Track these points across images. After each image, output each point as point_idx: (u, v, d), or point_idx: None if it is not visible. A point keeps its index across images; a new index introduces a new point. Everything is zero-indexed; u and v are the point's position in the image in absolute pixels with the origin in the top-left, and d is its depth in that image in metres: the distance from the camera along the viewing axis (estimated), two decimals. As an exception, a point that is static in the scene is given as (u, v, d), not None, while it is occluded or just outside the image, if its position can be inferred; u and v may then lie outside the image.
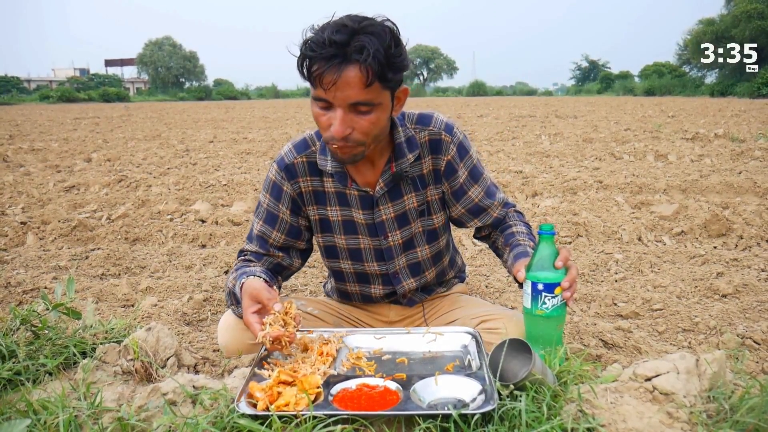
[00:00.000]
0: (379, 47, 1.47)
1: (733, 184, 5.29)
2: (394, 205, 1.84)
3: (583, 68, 75.04)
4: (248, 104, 34.92)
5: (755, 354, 2.15)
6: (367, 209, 1.83)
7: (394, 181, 1.80)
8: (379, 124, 1.61)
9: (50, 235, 4.16)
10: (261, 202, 1.90)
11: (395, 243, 1.89)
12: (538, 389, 1.32)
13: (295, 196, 1.84)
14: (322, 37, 1.47)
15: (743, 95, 30.38)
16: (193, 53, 72.64)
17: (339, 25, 1.49)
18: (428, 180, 1.85)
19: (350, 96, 1.51)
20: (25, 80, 65.59)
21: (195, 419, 1.25)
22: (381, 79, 1.51)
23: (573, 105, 23.59)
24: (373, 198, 1.81)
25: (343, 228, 1.88)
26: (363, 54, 1.46)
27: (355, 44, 1.46)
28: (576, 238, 3.89)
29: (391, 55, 1.50)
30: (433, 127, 1.81)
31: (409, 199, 1.84)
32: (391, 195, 1.82)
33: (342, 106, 1.53)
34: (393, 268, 1.93)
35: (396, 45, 1.53)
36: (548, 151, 8.18)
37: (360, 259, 1.93)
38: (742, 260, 3.29)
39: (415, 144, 1.79)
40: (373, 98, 1.54)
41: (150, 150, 9.45)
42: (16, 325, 1.67)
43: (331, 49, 1.46)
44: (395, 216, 1.85)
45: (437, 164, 1.83)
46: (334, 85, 1.49)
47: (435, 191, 1.86)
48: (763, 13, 34.92)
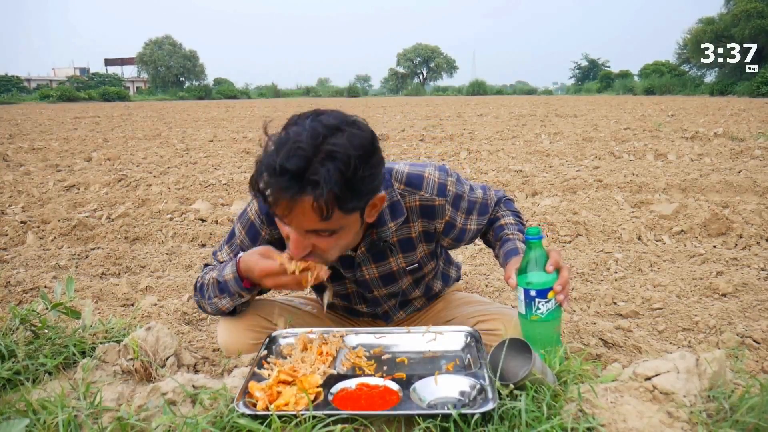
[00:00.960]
0: (338, 178, 1.30)
1: (732, 183, 5.29)
2: (377, 266, 1.75)
3: (583, 67, 75.01)
4: (248, 103, 34.91)
5: (755, 353, 2.15)
6: (348, 269, 1.76)
7: (375, 247, 1.70)
8: (344, 241, 1.50)
9: (50, 235, 4.16)
10: (235, 235, 1.78)
11: (381, 295, 1.86)
12: (538, 389, 1.31)
13: (273, 240, 1.71)
14: (275, 162, 1.30)
15: (743, 94, 30.37)
16: (193, 52, 72.57)
17: (295, 147, 1.30)
18: (417, 241, 1.75)
19: (306, 225, 1.39)
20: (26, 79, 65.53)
21: (194, 419, 1.24)
22: (341, 209, 1.36)
23: (573, 104, 23.59)
24: (355, 261, 1.73)
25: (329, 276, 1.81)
26: (317, 189, 1.29)
27: (310, 176, 1.29)
28: (576, 237, 3.89)
29: (355, 182, 1.33)
30: (425, 191, 1.67)
31: (395, 260, 1.76)
32: (375, 258, 1.73)
33: (298, 231, 1.42)
34: (381, 310, 1.93)
35: (365, 163, 1.35)
36: (548, 150, 8.18)
37: (348, 300, 1.92)
38: (742, 259, 3.29)
39: (400, 210, 1.65)
40: (333, 226, 1.41)
41: (150, 149, 9.45)
42: (16, 325, 1.66)
43: (283, 180, 1.30)
44: (379, 276, 1.78)
45: (429, 228, 1.73)
46: (288, 214, 1.36)
47: (426, 248, 1.78)
48: (762, 12, 34.89)
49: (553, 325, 1.56)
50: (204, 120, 17.23)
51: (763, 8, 34.97)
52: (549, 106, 21.26)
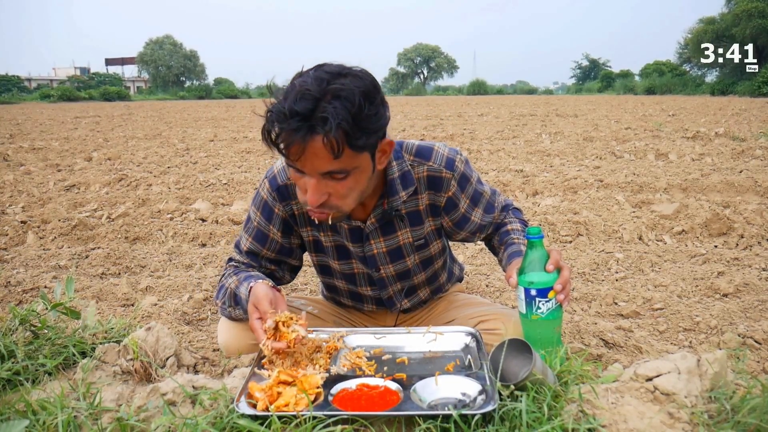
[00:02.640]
0: (345, 114, 1.35)
1: (733, 183, 5.29)
2: (386, 239, 1.78)
3: (584, 67, 74.98)
4: (249, 103, 34.92)
5: (756, 353, 2.15)
6: (357, 242, 1.77)
7: (385, 217, 1.73)
8: (359, 186, 1.52)
9: (50, 235, 4.16)
10: (251, 218, 1.81)
11: (388, 274, 1.86)
12: (539, 389, 1.31)
13: (287, 217, 1.77)
14: (284, 108, 1.35)
15: (744, 94, 30.34)
16: (194, 52, 72.61)
17: (302, 91, 1.36)
18: (425, 215, 1.78)
19: (320, 166, 1.41)
20: (26, 79, 65.56)
21: (194, 419, 1.24)
22: (351, 147, 1.39)
23: (573, 104, 23.58)
24: (364, 232, 1.75)
25: (336, 253, 1.83)
26: (326, 125, 1.33)
27: (319, 114, 1.34)
28: (576, 237, 3.89)
29: (362, 119, 1.38)
30: (433, 162, 1.71)
31: (403, 234, 1.78)
32: (384, 230, 1.76)
33: (312, 175, 1.44)
34: (386, 294, 1.93)
35: (370, 103, 1.40)
36: (549, 150, 8.17)
37: (353, 282, 1.92)
38: (743, 259, 3.29)
39: (410, 180, 1.69)
40: (346, 165, 1.43)
41: (150, 149, 9.45)
42: (15, 325, 1.66)
43: (293, 121, 1.34)
44: (387, 251, 1.80)
45: (436, 200, 1.76)
46: (301, 157, 1.39)
47: (432, 224, 1.81)
48: (763, 11, 34.88)
49: (554, 324, 1.55)
50: (204, 120, 17.24)
51: (764, 8, 34.95)
52: (550, 106, 21.25)
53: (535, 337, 1.57)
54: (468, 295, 2.17)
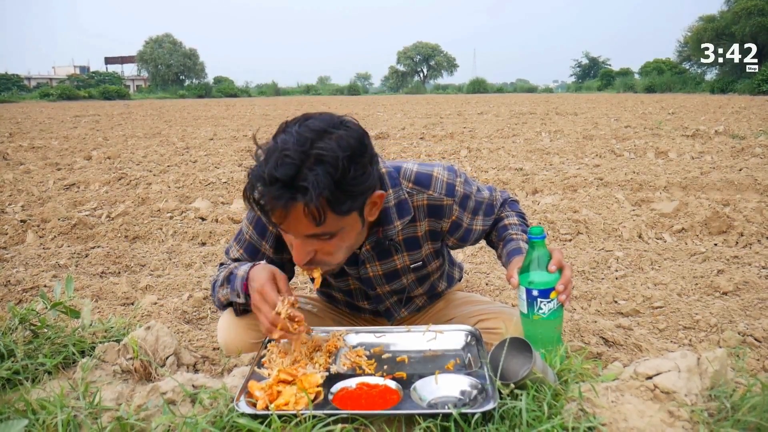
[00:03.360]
0: (328, 181, 1.30)
1: (733, 181, 5.29)
2: (382, 264, 1.76)
3: (584, 65, 74.92)
4: (248, 102, 34.91)
5: (756, 352, 2.15)
6: (352, 266, 1.76)
7: (380, 245, 1.71)
8: (347, 242, 1.50)
9: (50, 234, 4.16)
10: (243, 231, 1.78)
11: (384, 292, 1.86)
12: (539, 388, 1.31)
13: (280, 235, 1.68)
14: (264, 172, 1.31)
15: (743, 92, 30.32)
16: (193, 51, 72.52)
17: (283, 156, 1.31)
18: (423, 240, 1.75)
19: (304, 230, 1.39)
20: (26, 78, 65.45)
21: (194, 418, 1.24)
22: (335, 212, 1.36)
23: (573, 102, 23.56)
24: (359, 258, 1.73)
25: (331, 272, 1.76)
26: (307, 195, 1.29)
27: (300, 183, 1.29)
28: (576, 236, 3.89)
29: (346, 183, 1.34)
30: (433, 190, 1.67)
31: (400, 258, 1.76)
32: (379, 256, 1.74)
33: (298, 236, 1.42)
34: (383, 307, 1.93)
35: (356, 164, 1.35)
36: (548, 149, 8.17)
37: (350, 296, 1.92)
38: (743, 257, 3.29)
39: (406, 209, 1.65)
40: (331, 229, 1.41)
41: (150, 148, 9.45)
42: (15, 324, 1.66)
43: (273, 189, 1.31)
44: (383, 273, 1.79)
45: (436, 227, 1.73)
46: (284, 221, 1.37)
47: (431, 247, 1.79)
48: (763, 9, 34.86)
49: (555, 324, 1.55)
50: (204, 118, 17.23)
51: (764, 6, 34.93)
52: (549, 104, 21.24)
53: (536, 337, 1.57)
54: (467, 293, 2.16)
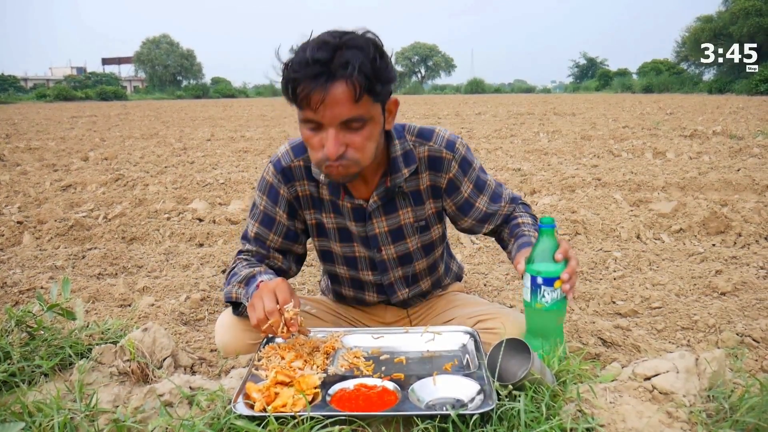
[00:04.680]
0: (364, 60, 1.43)
1: (731, 181, 5.29)
2: (387, 218, 1.80)
3: (582, 66, 74.92)
4: (246, 102, 34.90)
5: (754, 352, 2.15)
6: (359, 221, 1.79)
7: (388, 195, 1.75)
8: (373, 139, 1.56)
9: (47, 235, 4.14)
10: (257, 203, 1.85)
11: (389, 257, 1.87)
12: (537, 389, 1.31)
13: (291, 199, 1.80)
14: (304, 57, 1.42)
15: (741, 92, 30.37)
16: (191, 51, 72.49)
17: (320, 42, 1.44)
18: (425, 196, 1.81)
19: (340, 114, 1.45)
20: (22, 79, 65.35)
21: (191, 420, 1.24)
22: (370, 93, 1.46)
23: (571, 102, 23.59)
24: (366, 211, 1.77)
25: (338, 235, 1.85)
26: (348, 69, 1.41)
27: (339, 60, 1.41)
28: (574, 236, 3.89)
29: (377, 68, 1.46)
30: (434, 143, 1.75)
31: (404, 213, 1.80)
32: (386, 209, 1.78)
33: (332, 124, 1.47)
34: (387, 280, 1.92)
35: (381, 56, 1.48)
36: (546, 149, 8.18)
37: (355, 267, 1.91)
38: (741, 258, 3.29)
39: (412, 158, 1.73)
40: (364, 113, 1.49)
41: (147, 148, 9.44)
42: (11, 326, 1.65)
43: (314, 68, 1.41)
44: (389, 230, 1.81)
45: (436, 181, 1.78)
46: (322, 104, 1.43)
47: (432, 206, 1.83)
48: (761, 9, 34.97)
49: (557, 315, 1.56)
50: (201, 119, 17.21)
51: (762, 6, 35.04)
52: (547, 105, 21.26)
53: (537, 327, 1.57)
54: (467, 295, 2.16)
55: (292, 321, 1.52)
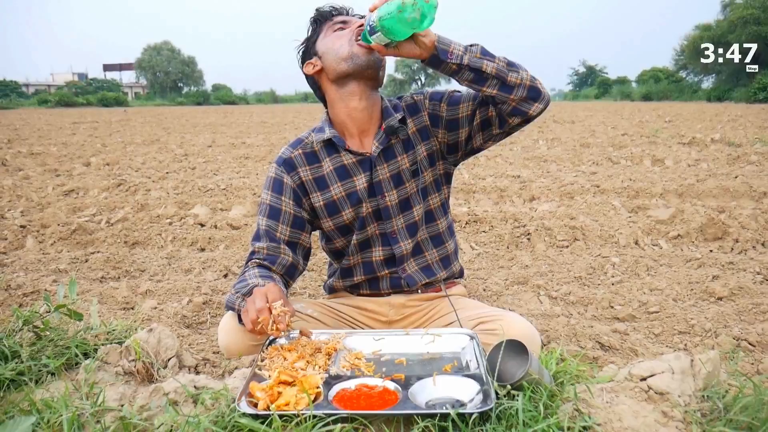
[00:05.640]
0: None
1: (729, 188, 5.32)
2: (389, 165, 1.98)
3: (581, 73, 75.04)
4: (247, 109, 34.96)
5: (750, 356, 2.18)
6: (366, 171, 1.97)
7: (386, 139, 1.97)
8: None
9: (50, 239, 4.17)
10: (263, 199, 2.00)
11: (392, 203, 2.00)
12: (535, 389, 1.33)
13: (296, 186, 1.98)
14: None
15: (740, 100, 30.46)
16: (192, 58, 72.70)
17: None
18: (415, 140, 2.02)
19: None
20: (24, 84, 65.45)
21: (197, 418, 1.26)
22: None
23: (570, 110, 23.65)
24: (371, 159, 1.96)
25: (348, 201, 1.99)
26: None
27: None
28: (573, 242, 3.92)
29: None
30: (407, 95, 2.08)
31: (402, 159, 1.99)
32: (386, 155, 1.98)
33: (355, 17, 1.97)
34: (390, 228, 2.02)
35: None
36: (546, 156, 8.21)
37: (363, 226, 2.02)
38: (738, 263, 3.32)
39: (398, 107, 2.02)
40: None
41: (149, 154, 9.47)
42: (19, 326, 1.68)
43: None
44: (390, 176, 1.99)
45: (420, 123, 2.03)
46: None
47: (423, 149, 2.02)
48: (759, 18, 35.07)
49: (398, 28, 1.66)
50: (202, 125, 17.25)
51: (760, 15, 35.15)
52: (546, 112, 21.20)
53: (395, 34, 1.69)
54: (467, 299, 2.19)
55: (280, 318, 1.56)
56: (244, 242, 4.04)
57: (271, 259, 1.93)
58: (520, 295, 2.95)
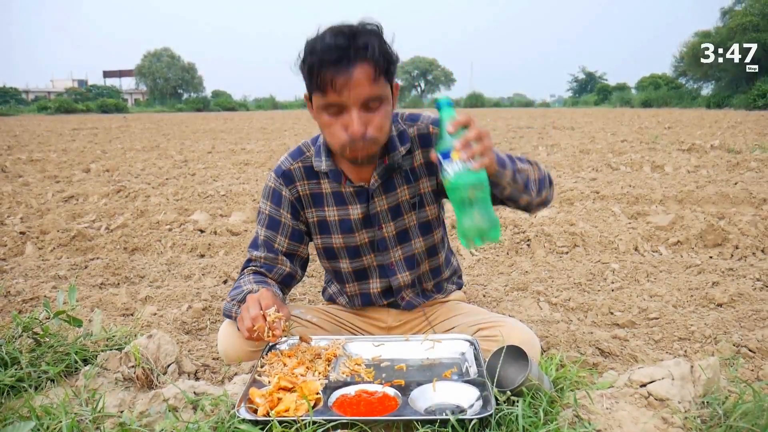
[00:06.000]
0: (380, 44, 1.59)
1: (728, 194, 5.33)
2: (387, 197, 1.90)
3: (581, 80, 75.25)
4: (246, 115, 35.01)
5: (750, 362, 2.17)
6: (363, 203, 1.90)
7: (387, 173, 1.87)
8: (388, 117, 1.70)
9: (49, 245, 4.17)
10: (262, 209, 1.96)
11: (389, 234, 1.94)
12: (535, 395, 1.34)
13: (293, 200, 1.92)
14: (325, 44, 1.56)
15: (739, 107, 30.49)
16: (192, 65, 72.75)
17: (336, 30, 1.59)
18: (420, 173, 1.92)
19: (362, 93, 1.58)
20: (24, 91, 65.57)
21: (196, 424, 1.26)
22: (385, 73, 1.62)
23: (570, 116, 23.70)
24: (369, 191, 1.87)
25: (339, 227, 1.93)
26: (368, 51, 1.56)
27: (358, 43, 1.56)
28: (573, 248, 3.92)
29: (389, 50, 1.63)
30: (422, 122, 1.90)
31: (401, 191, 1.91)
32: (385, 187, 1.89)
33: (355, 105, 1.60)
34: (388, 260, 1.97)
35: (385, 42, 1.64)
36: (545, 162, 8.22)
37: (357, 255, 1.97)
38: (738, 270, 3.32)
39: (406, 137, 1.87)
40: (381, 92, 1.62)
41: (149, 161, 9.48)
42: (18, 333, 1.68)
43: (337, 52, 1.55)
44: (389, 207, 1.91)
45: (428, 157, 1.89)
46: (346, 86, 1.56)
47: (428, 183, 1.93)
48: (758, 25, 35.14)
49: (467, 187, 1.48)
50: (202, 132, 17.28)
51: (759, 22, 35.23)
52: (546, 119, 21.36)
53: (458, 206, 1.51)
54: (467, 304, 2.19)
55: (275, 324, 1.56)
56: (243, 248, 4.03)
57: (267, 267, 1.92)
58: (519, 301, 2.94)
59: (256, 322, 1.57)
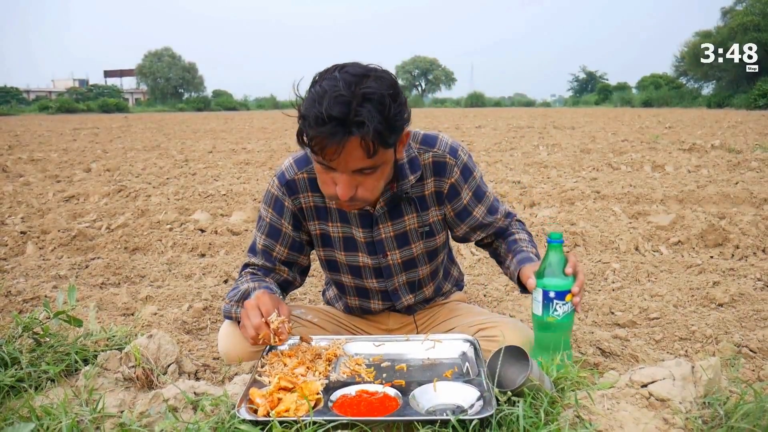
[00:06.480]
0: (378, 117, 1.41)
1: (729, 194, 5.33)
2: (393, 224, 1.82)
3: (581, 80, 75.21)
4: (247, 115, 35.01)
5: (751, 362, 2.17)
6: (366, 228, 1.82)
7: (394, 201, 1.78)
8: (384, 177, 1.60)
9: (50, 245, 4.17)
10: (262, 215, 1.88)
11: (394, 262, 1.88)
12: (536, 395, 1.33)
13: (296, 211, 1.83)
14: (321, 113, 1.39)
15: (740, 107, 30.50)
16: (192, 64, 72.73)
17: (336, 95, 1.39)
18: (430, 202, 1.83)
19: (354, 165, 1.48)
20: (25, 91, 65.60)
21: (197, 424, 1.26)
22: (383, 145, 1.47)
23: (571, 116, 23.69)
24: (373, 216, 1.79)
25: (343, 244, 1.87)
26: (363, 128, 1.39)
27: (355, 117, 1.39)
28: (573, 248, 3.92)
29: (391, 119, 1.45)
30: (438, 149, 1.79)
31: (410, 219, 1.83)
32: (391, 214, 1.81)
33: (345, 172, 1.50)
34: (392, 286, 1.94)
35: (396, 101, 1.46)
36: (546, 162, 8.22)
37: (359, 276, 1.93)
38: (739, 270, 3.31)
39: (417, 165, 1.76)
40: (376, 162, 1.51)
41: (149, 160, 9.48)
42: (19, 332, 1.68)
43: (330, 126, 1.39)
44: (395, 235, 1.84)
45: (440, 186, 1.81)
46: (337, 158, 1.45)
47: (437, 213, 1.85)
48: (759, 25, 35.13)
49: (567, 328, 1.59)
50: (203, 131, 17.28)
51: (759, 21, 35.22)
52: (547, 118, 21.36)
53: (547, 341, 1.59)
54: (468, 304, 2.19)
55: (280, 329, 1.56)
56: (244, 248, 4.03)
57: (265, 272, 1.89)
58: (520, 301, 2.94)
59: (259, 330, 1.56)
